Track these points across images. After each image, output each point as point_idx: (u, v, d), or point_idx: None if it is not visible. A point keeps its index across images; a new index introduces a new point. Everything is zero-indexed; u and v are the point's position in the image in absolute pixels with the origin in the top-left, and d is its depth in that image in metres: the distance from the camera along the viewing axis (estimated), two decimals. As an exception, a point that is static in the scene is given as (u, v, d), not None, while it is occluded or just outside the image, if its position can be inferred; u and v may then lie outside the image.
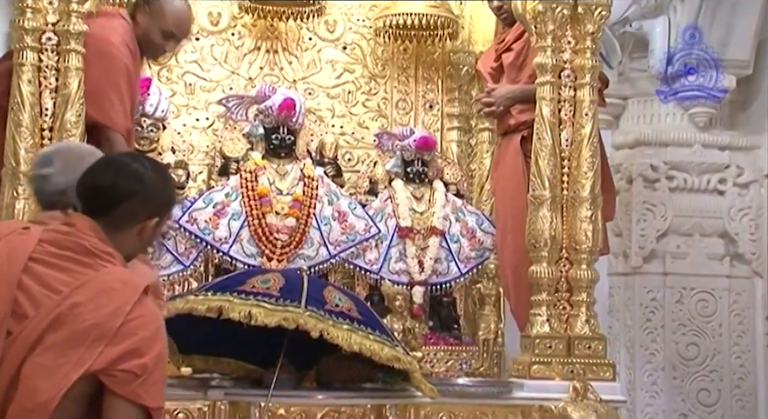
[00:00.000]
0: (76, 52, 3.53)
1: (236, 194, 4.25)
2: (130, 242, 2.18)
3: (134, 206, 2.15)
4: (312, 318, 3.06)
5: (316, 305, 3.10)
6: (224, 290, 3.17)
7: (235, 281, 3.26)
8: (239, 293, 3.14)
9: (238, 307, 3.08)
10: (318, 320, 3.06)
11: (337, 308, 3.13)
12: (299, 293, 3.13)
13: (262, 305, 3.08)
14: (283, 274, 3.30)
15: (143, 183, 2.17)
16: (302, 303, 3.09)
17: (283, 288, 3.15)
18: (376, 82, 4.82)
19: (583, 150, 3.89)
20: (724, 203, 5.08)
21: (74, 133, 3.49)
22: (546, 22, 3.90)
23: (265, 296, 3.12)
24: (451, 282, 4.49)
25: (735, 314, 5.04)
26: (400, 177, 4.52)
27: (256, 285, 3.16)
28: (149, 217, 2.18)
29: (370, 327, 3.15)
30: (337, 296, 3.21)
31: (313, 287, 3.20)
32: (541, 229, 3.83)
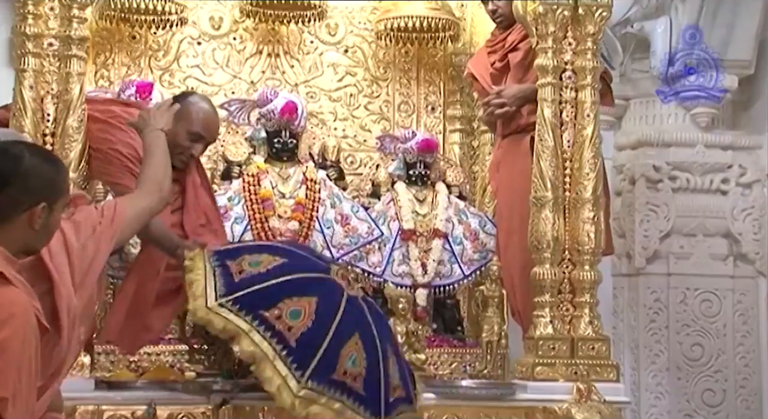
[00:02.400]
0: (77, 58, 3.55)
1: (239, 198, 4.25)
2: (20, 232, 2.13)
3: (15, 192, 2.10)
4: (305, 399, 3.02)
5: (321, 377, 3.04)
6: (253, 308, 3.07)
7: (270, 296, 3.11)
8: (262, 321, 3.05)
9: (250, 346, 3.03)
10: (308, 402, 3.03)
11: (342, 378, 3.07)
12: (315, 350, 3.05)
13: (267, 359, 3.03)
14: (319, 300, 3.14)
15: (21, 167, 2.10)
16: (308, 371, 3.03)
17: (306, 335, 3.05)
18: (378, 85, 4.82)
19: (585, 151, 3.89)
20: (727, 203, 5.07)
21: (76, 138, 3.50)
22: (547, 23, 3.90)
23: (281, 342, 3.04)
24: (455, 284, 4.49)
25: (739, 314, 5.04)
26: (403, 180, 4.52)
27: (283, 317, 3.06)
28: (35, 203, 2.12)
29: (364, 405, 3.10)
30: (355, 356, 3.11)
31: (337, 338, 3.09)
32: (543, 230, 3.83)
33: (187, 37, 4.65)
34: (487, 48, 4.41)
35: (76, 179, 3.50)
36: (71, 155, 3.49)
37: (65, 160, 3.46)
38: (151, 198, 2.74)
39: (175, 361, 3.98)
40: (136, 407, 3.44)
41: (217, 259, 3.25)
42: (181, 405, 3.50)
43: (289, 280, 3.17)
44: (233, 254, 3.29)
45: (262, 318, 3.06)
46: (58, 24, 3.55)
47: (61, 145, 3.50)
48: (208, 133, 3.65)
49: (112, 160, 3.47)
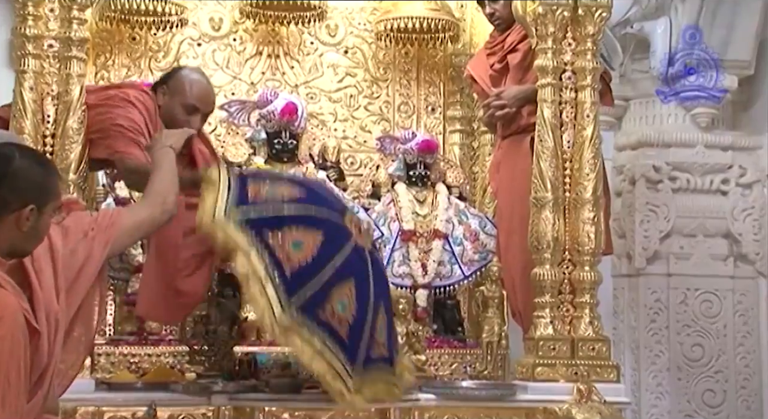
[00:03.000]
0: (77, 59, 3.55)
1: (239, 199, 4.24)
2: (7, 233, 2.13)
3: (3, 192, 2.10)
4: (288, 329, 3.00)
5: (307, 311, 3.02)
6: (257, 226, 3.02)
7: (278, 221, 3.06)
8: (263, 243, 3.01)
9: (245, 265, 2.99)
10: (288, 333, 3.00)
11: (328, 318, 3.06)
12: (309, 282, 3.03)
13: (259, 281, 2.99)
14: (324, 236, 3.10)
15: (10, 168, 2.10)
16: (295, 301, 3.01)
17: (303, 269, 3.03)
18: (378, 85, 4.83)
19: (585, 152, 3.89)
20: (727, 204, 5.07)
21: (76, 139, 3.50)
22: (546, 24, 3.90)
23: (278, 268, 3.00)
24: (455, 285, 4.49)
25: (739, 314, 5.04)
26: (403, 180, 4.52)
27: (286, 245, 3.03)
28: (23, 204, 2.12)
29: (344, 351, 3.07)
30: (346, 301, 3.10)
31: (332, 279, 3.07)
32: (543, 231, 3.83)
33: (187, 39, 4.65)
34: (486, 50, 4.41)
35: (76, 180, 3.50)
36: (71, 156, 3.49)
37: (65, 161, 3.48)
38: (153, 209, 2.73)
39: (176, 362, 3.99)
40: (137, 408, 3.44)
41: (239, 177, 3.22)
42: (181, 407, 3.49)
43: (300, 215, 3.14)
44: (256, 177, 3.30)
45: (263, 240, 3.03)
46: (58, 25, 3.55)
47: (61, 146, 3.50)
48: (203, 104, 3.61)
49: (115, 134, 3.46)
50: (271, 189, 3.19)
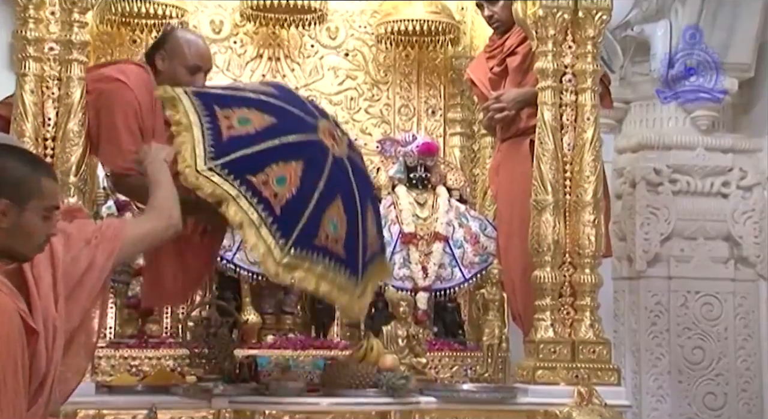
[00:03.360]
0: (78, 62, 3.54)
1: (239, 202, 4.24)
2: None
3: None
4: (288, 266, 3.07)
5: (303, 243, 3.09)
6: (240, 173, 3.04)
7: (257, 161, 3.09)
8: (249, 187, 3.04)
9: (238, 213, 3.02)
10: (291, 269, 3.08)
11: (324, 242, 3.14)
12: (299, 217, 3.10)
13: (253, 226, 3.03)
14: (305, 165, 3.15)
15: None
16: (292, 239, 3.06)
17: (291, 202, 3.08)
18: (379, 88, 4.83)
19: (585, 154, 3.89)
20: (727, 206, 5.07)
21: (77, 142, 3.50)
22: (547, 26, 3.90)
23: (267, 209, 3.05)
24: (455, 288, 4.48)
25: (740, 317, 5.04)
26: (403, 183, 4.52)
27: (270, 183, 3.07)
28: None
29: (344, 266, 3.19)
30: (336, 220, 3.19)
31: (321, 204, 3.14)
32: (544, 234, 3.83)
33: (188, 41, 4.64)
34: (486, 53, 4.41)
35: (77, 182, 3.50)
36: (72, 159, 3.49)
37: (66, 164, 3.48)
38: (158, 222, 2.69)
39: (176, 365, 3.98)
40: (137, 411, 3.44)
41: (204, 102, 3.18)
42: (181, 410, 3.49)
43: (276, 146, 3.16)
44: (222, 101, 3.23)
45: (249, 184, 3.06)
46: (59, 28, 3.55)
47: (62, 149, 3.49)
48: (203, 61, 3.63)
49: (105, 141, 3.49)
50: (242, 118, 3.18)
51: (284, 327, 4.33)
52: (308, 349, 4.13)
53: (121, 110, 3.44)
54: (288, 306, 4.35)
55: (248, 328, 4.16)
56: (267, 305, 4.30)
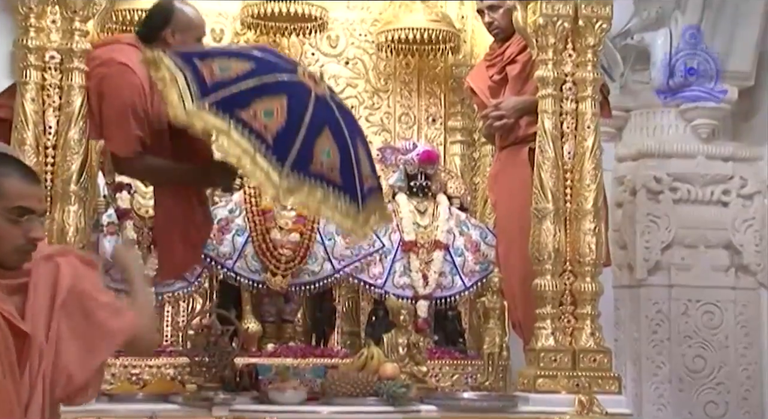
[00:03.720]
0: (79, 71, 3.55)
1: (240, 210, 4.25)
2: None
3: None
4: (288, 189, 3.22)
5: (300, 168, 3.23)
6: (229, 109, 3.20)
7: (243, 98, 3.25)
8: (239, 121, 3.19)
9: (231, 145, 3.17)
10: (291, 192, 3.23)
11: (320, 169, 3.29)
12: (291, 145, 3.24)
13: (248, 154, 3.17)
14: (288, 99, 3.31)
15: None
16: (287, 165, 3.20)
17: (281, 132, 3.23)
18: (379, 96, 4.83)
19: (586, 163, 3.90)
20: (728, 215, 5.07)
21: (77, 150, 3.51)
22: (547, 35, 3.91)
23: (259, 138, 3.20)
24: (456, 296, 4.48)
25: (741, 326, 5.03)
26: (404, 191, 4.52)
27: (258, 116, 3.22)
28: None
29: (343, 192, 3.34)
30: (328, 148, 3.33)
31: (310, 134, 3.29)
32: (544, 242, 3.83)
33: (188, 50, 4.65)
34: (486, 61, 4.42)
35: (77, 191, 3.51)
36: (72, 167, 3.50)
37: (66, 172, 3.48)
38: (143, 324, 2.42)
39: (177, 373, 3.98)
40: (138, 419, 3.44)
41: (184, 59, 3.35)
42: (182, 418, 3.49)
43: (258, 85, 3.32)
44: (201, 55, 3.42)
45: (239, 118, 3.20)
46: (59, 37, 3.56)
47: (62, 157, 3.50)
48: (203, 31, 3.82)
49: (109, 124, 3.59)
50: (223, 66, 3.34)
51: (285, 335, 4.32)
52: (308, 357, 4.13)
53: (128, 95, 3.54)
54: (288, 315, 4.35)
55: (249, 336, 4.16)
56: (267, 313, 4.30)
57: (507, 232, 4.23)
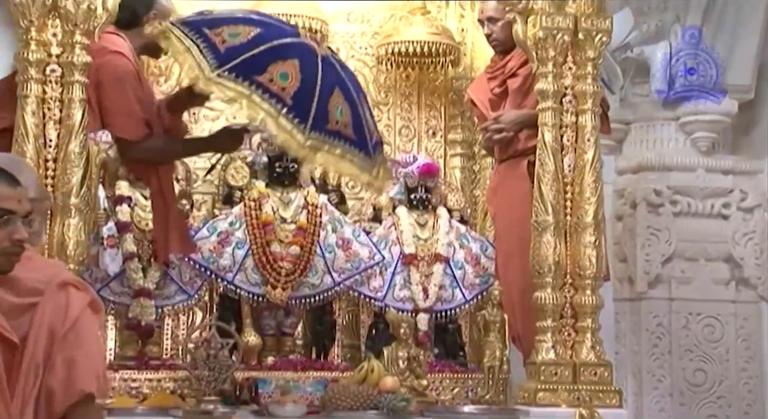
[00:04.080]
0: (79, 84, 3.55)
1: (240, 223, 4.25)
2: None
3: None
4: (311, 148, 3.44)
5: (319, 128, 3.44)
6: (247, 75, 3.39)
7: (257, 63, 3.43)
8: (258, 86, 3.38)
9: (254, 108, 3.37)
10: (315, 150, 3.45)
11: (336, 127, 3.50)
12: (309, 105, 3.43)
13: (272, 116, 3.37)
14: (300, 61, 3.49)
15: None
16: (308, 125, 3.41)
17: (298, 93, 3.43)
18: (379, 109, 4.83)
19: (586, 175, 3.90)
20: (728, 228, 5.07)
21: (78, 163, 3.51)
22: (547, 48, 3.91)
23: (280, 101, 3.39)
24: (456, 309, 4.47)
25: (742, 339, 5.02)
26: (404, 204, 4.52)
27: (275, 80, 3.41)
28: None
29: (358, 147, 3.56)
30: (340, 106, 3.53)
31: (324, 94, 3.48)
32: (545, 255, 3.83)
33: (189, 63, 4.66)
34: (487, 74, 4.43)
35: (78, 204, 3.51)
36: (73, 180, 3.50)
37: (67, 185, 3.49)
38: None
39: (176, 387, 3.96)
40: (137, 433, 3.42)
41: (193, 28, 3.53)
42: (182, 431, 3.48)
43: (269, 47, 3.49)
44: (209, 24, 3.57)
45: (257, 83, 3.39)
46: (60, 50, 3.56)
47: (62, 170, 3.50)
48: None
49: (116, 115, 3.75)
50: (232, 32, 3.51)
51: (285, 348, 4.31)
52: (309, 371, 4.12)
53: (128, 81, 3.72)
54: (288, 328, 4.34)
55: (248, 350, 4.15)
56: (267, 326, 4.29)
57: (506, 245, 4.24)
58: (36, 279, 2.30)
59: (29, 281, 2.30)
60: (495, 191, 4.36)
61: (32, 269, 2.33)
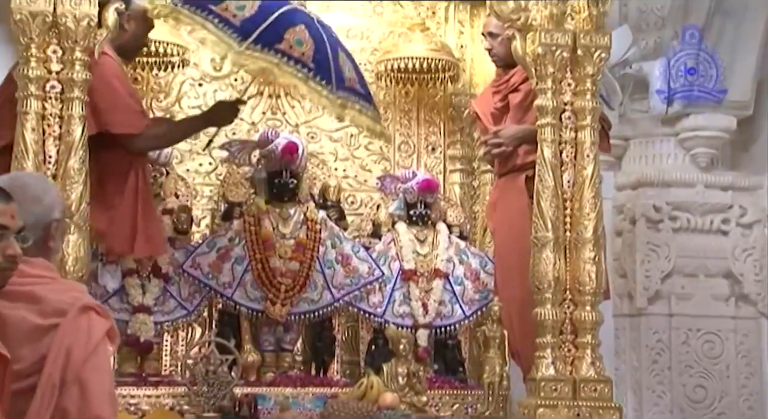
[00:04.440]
0: (79, 100, 3.55)
1: (239, 239, 4.25)
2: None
3: None
4: (341, 105, 3.74)
5: (341, 85, 3.73)
6: (270, 44, 3.60)
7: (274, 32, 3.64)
8: (283, 54, 3.61)
9: (285, 75, 3.63)
10: (343, 108, 3.76)
11: (351, 84, 3.80)
12: (328, 67, 3.70)
13: (303, 81, 3.65)
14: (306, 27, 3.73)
15: None
16: (334, 86, 3.69)
17: (315, 57, 3.68)
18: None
19: (585, 191, 3.90)
20: (728, 244, 5.07)
21: (77, 179, 3.50)
22: (546, 64, 3.92)
23: (305, 66, 3.65)
24: (456, 325, 4.47)
25: (742, 355, 5.01)
26: (403, 220, 4.52)
27: (293, 46, 3.64)
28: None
29: (367, 101, 3.88)
30: (347, 64, 3.84)
31: (334, 55, 3.76)
32: (544, 271, 3.83)
33: (189, 79, 4.68)
34: (492, 87, 4.45)
35: (77, 220, 3.50)
36: (72, 196, 3.49)
37: (66, 202, 3.47)
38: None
39: (175, 403, 3.95)
40: (136, 450, 3.41)
41: (200, 7, 3.65)
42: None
43: (278, 16, 3.70)
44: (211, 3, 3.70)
45: (281, 52, 3.63)
46: (60, 67, 3.57)
47: (62, 187, 3.49)
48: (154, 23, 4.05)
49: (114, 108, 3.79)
50: (237, 5, 3.67)
51: (284, 364, 4.30)
52: (308, 387, 4.11)
53: (116, 78, 3.79)
54: (287, 344, 4.33)
55: (248, 366, 4.14)
56: (266, 342, 4.29)
57: (505, 260, 4.24)
58: (61, 300, 2.31)
59: (55, 302, 2.30)
60: (494, 206, 4.36)
61: (58, 291, 2.34)
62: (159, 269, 4.11)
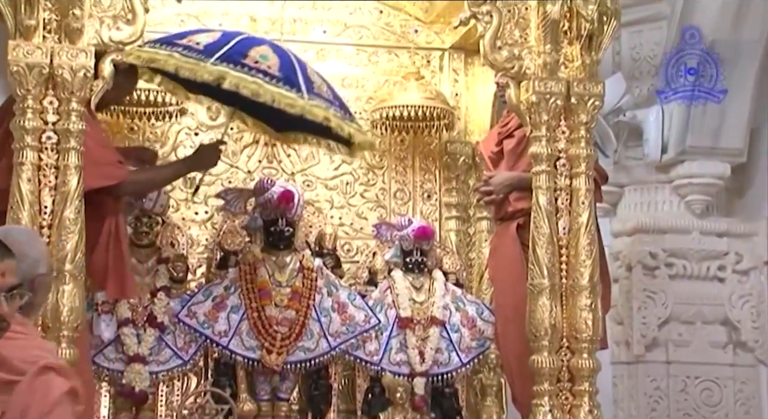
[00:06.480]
0: (75, 151, 3.56)
1: (235, 287, 4.24)
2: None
3: None
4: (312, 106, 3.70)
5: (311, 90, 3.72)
6: (235, 60, 3.66)
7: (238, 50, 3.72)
8: (250, 68, 3.66)
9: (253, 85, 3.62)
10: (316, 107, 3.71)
11: (320, 91, 3.80)
12: (295, 75, 3.74)
13: (258, 82, 3.62)
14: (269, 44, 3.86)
15: None
16: (303, 90, 3.70)
17: (282, 68, 3.72)
18: (374, 173, 4.85)
19: (581, 238, 3.90)
20: (724, 291, 5.07)
21: (73, 229, 3.50)
22: (540, 112, 3.95)
23: (273, 77, 3.67)
24: (453, 373, 4.44)
25: (741, 403, 4.98)
26: (399, 267, 4.51)
27: (258, 60, 3.70)
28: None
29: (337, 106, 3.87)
30: (316, 75, 3.89)
31: (302, 67, 3.83)
32: (541, 318, 3.82)
33: (185, 128, 4.69)
34: (498, 128, 4.47)
35: (72, 270, 3.50)
36: (67, 247, 3.49)
37: (62, 252, 3.48)
38: None
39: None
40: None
41: (162, 42, 3.78)
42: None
43: (240, 39, 3.81)
44: (173, 37, 3.86)
45: (247, 65, 3.66)
46: (56, 118, 3.58)
47: (57, 237, 3.49)
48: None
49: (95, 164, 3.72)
50: (198, 39, 3.77)
51: (280, 413, 4.27)
52: (304, 436, 4.08)
53: (92, 130, 3.69)
54: (284, 392, 4.30)
55: (244, 416, 4.11)
56: (263, 391, 4.26)
57: (502, 308, 4.23)
58: (20, 359, 2.29)
59: (15, 359, 2.29)
60: (493, 253, 4.37)
61: (21, 348, 2.32)
62: (155, 318, 4.10)
